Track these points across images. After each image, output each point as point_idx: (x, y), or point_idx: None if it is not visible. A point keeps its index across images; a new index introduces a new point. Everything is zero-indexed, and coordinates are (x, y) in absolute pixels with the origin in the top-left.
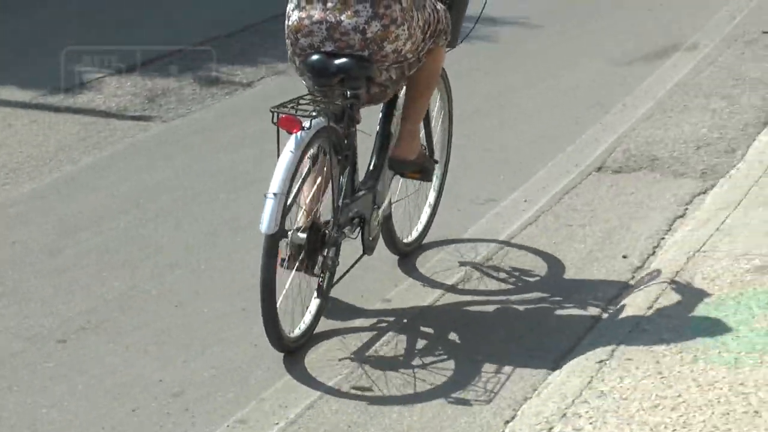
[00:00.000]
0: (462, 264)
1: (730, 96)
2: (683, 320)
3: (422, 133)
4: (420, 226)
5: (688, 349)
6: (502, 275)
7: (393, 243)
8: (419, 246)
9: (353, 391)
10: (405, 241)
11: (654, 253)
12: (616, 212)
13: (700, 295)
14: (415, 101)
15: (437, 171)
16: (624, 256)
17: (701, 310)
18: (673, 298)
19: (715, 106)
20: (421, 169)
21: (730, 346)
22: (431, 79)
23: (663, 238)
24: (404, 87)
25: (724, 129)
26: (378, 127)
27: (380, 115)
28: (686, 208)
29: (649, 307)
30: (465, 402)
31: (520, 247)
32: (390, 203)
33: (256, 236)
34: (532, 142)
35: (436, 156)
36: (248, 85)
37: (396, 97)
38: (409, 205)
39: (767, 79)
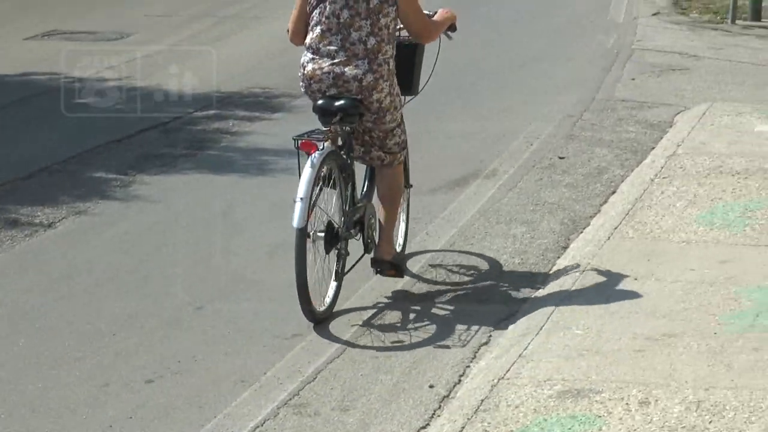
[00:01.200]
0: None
1: (530, 221)
2: None
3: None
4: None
5: None
6: None
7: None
8: None
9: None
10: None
11: (460, 381)
12: (421, 340)
13: (504, 423)
14: (388, 213)
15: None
16: (431, 386)
17: None
18: (478, 428)
19: (516, 231)
20: (396, 267)
21: None
22: (396, 193)
23: (468, 366)
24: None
25: (525, 254)
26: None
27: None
28: (490, 335)
29: None
30: (444, 346)
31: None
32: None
33: None
34: None
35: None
36: (49, 226)
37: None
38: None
39: (565, 204)
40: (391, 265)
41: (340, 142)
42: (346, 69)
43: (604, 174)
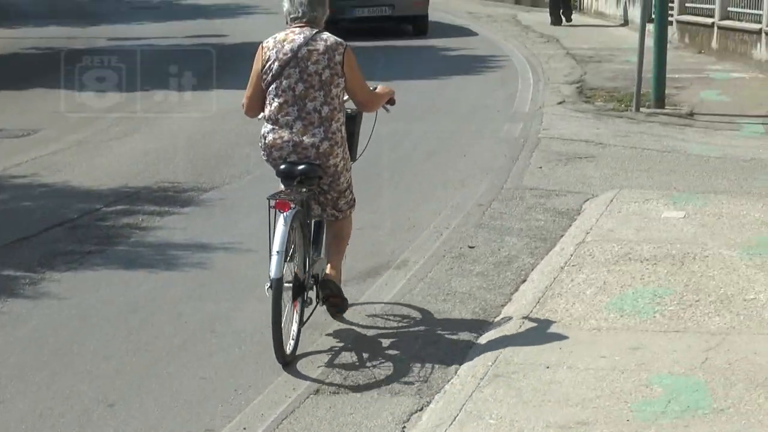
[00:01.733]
0: None
1: (442, 311)
2: None
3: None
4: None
5: None
6: None
7: None
8: None
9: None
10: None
11: None
12: None
13: None
14: (338, 247)
15: None
16: None
17: None
18: None
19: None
20: (341, 297)
21: None
22: (346, 235)
23: None
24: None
25: (437, 345)
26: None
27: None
28: (404, 426)
29: None
30: (406, 383)
31: None
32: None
33: None
34: (250, 375)
35: None
36: None
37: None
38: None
39: (476, 293)
40: (340, 289)
41: (301, 204)
42: (304, 137)
43: (514, 262)
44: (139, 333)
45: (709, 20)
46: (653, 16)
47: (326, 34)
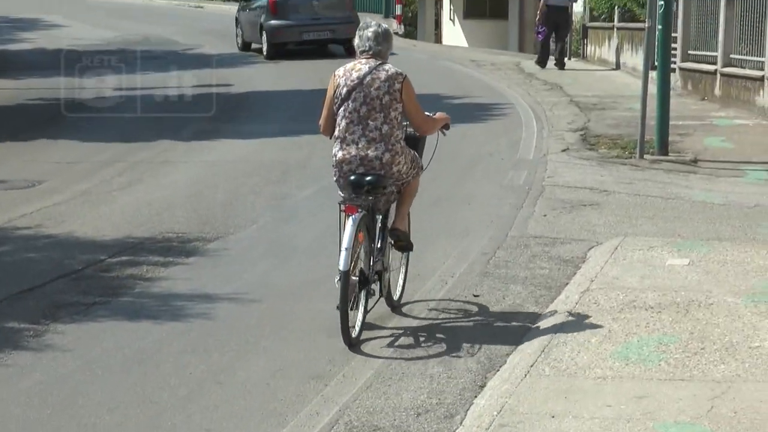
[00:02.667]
0: None
1: (447, 361)
2: None
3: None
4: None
5: None
6: None
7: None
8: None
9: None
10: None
11: None
12: None
13: None
14: (405, 201)
15: None
16: None
17: None
18: None
19: (433, 371)
20: (407, 241)
21: None
22: (413, 192)
23: None
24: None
25: (443, 395)
26: (380, 224)
27: (380, 218)
28: None
29: None
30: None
31: None
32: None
33: None
34: (255, 427)
35: None
36: None
37: (388, 211)
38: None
39: (481, 342)
40: (406, 235)
41: (367, 209)
42: (369, 151)
43: (519, 311)
44: (144, 385)
45: (711, 67)
46: (656, 63)
47: (388, 65)
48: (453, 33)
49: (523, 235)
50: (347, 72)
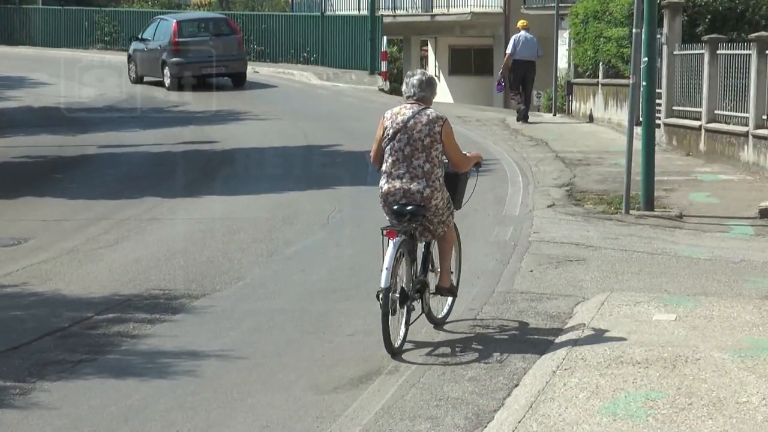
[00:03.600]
0: None
1: (434, 417)
2: None
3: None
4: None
5: None
6: None
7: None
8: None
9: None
10: (438, 316)
11: None
12: None
13: None
14: (445, 257)
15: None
16: None
17: None
18: None
19: (420, 428)
20: (451, 291)
21: None
22: (451, 242)
23: None
24: (436, 241)
25: None
26: (423, 251)
27: (424, 246)
28: None
29: None
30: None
31: None
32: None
33: None
34: None
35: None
36: None
37: (430, 244)
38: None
39: (468, 398)
40: (449, 290)
41: (408, 235)
42: (412, 185)
43: (506, 367)
44: None
45: (696, 123)
46: (641, 118)
47: (431, 110)
48: (438, 89)
49: (509, 291)
50: (393, 115)
